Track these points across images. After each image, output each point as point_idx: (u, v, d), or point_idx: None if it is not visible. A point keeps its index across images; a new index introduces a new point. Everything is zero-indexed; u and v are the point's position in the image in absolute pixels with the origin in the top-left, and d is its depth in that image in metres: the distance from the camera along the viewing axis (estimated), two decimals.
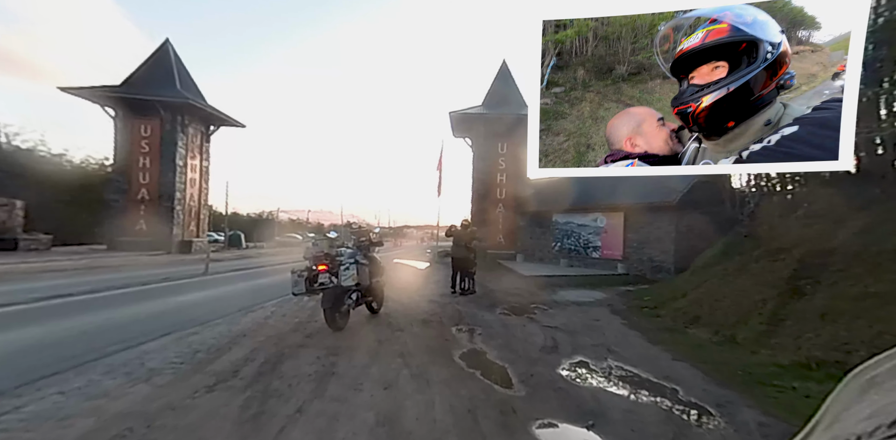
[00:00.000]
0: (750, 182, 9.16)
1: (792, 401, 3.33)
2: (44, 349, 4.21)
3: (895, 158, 6.26)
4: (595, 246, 14.90)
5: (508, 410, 2.96)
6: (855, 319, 4.43)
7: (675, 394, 3.43)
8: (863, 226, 5.57)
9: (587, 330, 5.70)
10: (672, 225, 12.30)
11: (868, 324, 4.28)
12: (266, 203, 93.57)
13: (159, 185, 20.07)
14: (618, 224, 14.00)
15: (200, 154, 22.35)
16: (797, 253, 5.91)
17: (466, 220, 9.56)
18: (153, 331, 4.91)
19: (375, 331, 5.19)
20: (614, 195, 14.38)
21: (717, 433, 2.78)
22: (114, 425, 2.61)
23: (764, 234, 7.12)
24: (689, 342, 5.22)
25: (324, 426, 2.63)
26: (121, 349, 4.23)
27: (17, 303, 6.44)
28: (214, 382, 3.35)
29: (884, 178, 6.13)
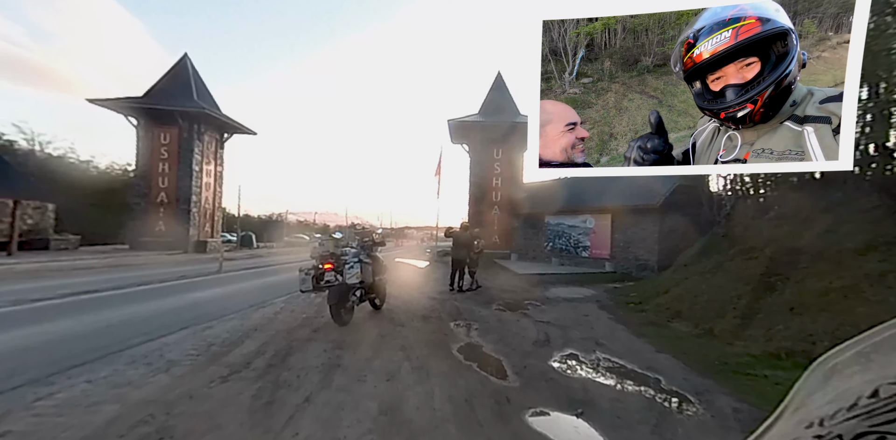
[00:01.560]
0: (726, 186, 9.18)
1: (763, 389, 3.35)
2: (73, 341, 4.23)
3: (855, 165, 6.31)
4: (584, 245, 14.91)
5: (503, 400, 2.96)
6: (819, 312, 4.46)
7: (658, 383, 3.44)
8: (826, 227, 5.61)
9: (577, 324, 5.69)
10: (656, 226, 12.32)
11: (831, 317, 4.32)
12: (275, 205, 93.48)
13: (177, 189, 20.15)
14: (605, 225, 14.01)
15: (215, 160, 22.39)
16: (768, 251, 5.94)
17: (465, 222, 9.51)
18: (172, 325, 4.92)
19: (378, 326, 5.18)
20: (602, 198, 14.42)
21: (696, 419, 2.80)
22: (137, 412, 2.63)
23: (739, 235, 7.15)
24: (670, 335, 5.23)
25: (330, 414, 2.64)
26: (143, 341, 4.24)
27: (49, 298, 6.51)
28: (228, 373, 3.35)
29: (845, 183, 6.18)
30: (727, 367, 3.92)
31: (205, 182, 21.36)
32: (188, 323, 5.09)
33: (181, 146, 20.10)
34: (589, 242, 14.73)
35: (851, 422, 0.31)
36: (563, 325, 5.57)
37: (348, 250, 5.41)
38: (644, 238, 12.72)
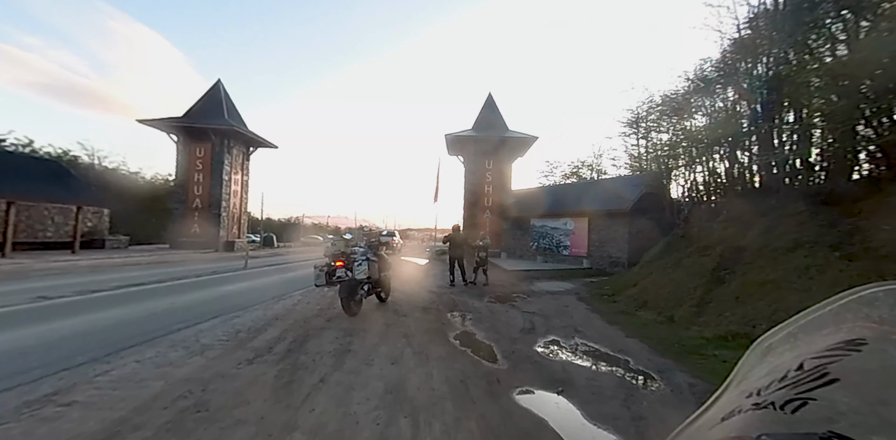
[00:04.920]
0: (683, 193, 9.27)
1: (714, 366, 3.39)
2: (124, 327, 4.26)
3: (784, 177, 6.41)
4: (565, 245, 14.92)
5: (494, 380, 2.97)
6: (758, 301, 4.52)
7: (627, 363, 3.47)
8: (764, 228, 5.68)
9: (558, 314, 5.67)
10: (626, 228, 12.34)
11: (767, 305, 4.38)
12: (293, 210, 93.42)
13: (210, 196, 20.21)
14: (583, 227, 14.03)
15: (242, 170, 22.42)
16: (719, 249, 6.00)
17: (457, 225, 9.34)
18: (205, 314, 4.92)
19: (384, 317, 5.15)
20: (581, 203, 14.48)
21: (658, 393, 2.83)
22: (178, 388, 2.66)
23: (694, 235, 7.19)
24: (638, 322, 5.25)
25: (342, 393, 2.65)
26: (181, 328, 4.26)
27: (103, 290, 6.57)
28: (254, 356, 3.36)
29: (777, 192, 6.27)
30: (684, 349, 3.95)
31: (233, 189, 21.39)
32: (219, 312, 5.09)
33: (213, 159, 20.19)
34: (569, 242, 14.75)
35: (782, 391, 0.32)
36: (546, 315, 5.55)
37: (357, 249, 5.38)
38: (616, 238, 12.75)
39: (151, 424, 2.16)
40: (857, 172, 5.61)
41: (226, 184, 20.49)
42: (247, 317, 4.93)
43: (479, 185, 19.79)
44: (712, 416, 0.37)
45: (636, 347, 4.00)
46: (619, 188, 13.30)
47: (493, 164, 19.82)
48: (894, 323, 0.35)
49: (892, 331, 0.34)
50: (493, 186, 19.80)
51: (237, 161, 21.76)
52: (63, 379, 2.78)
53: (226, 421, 2.21)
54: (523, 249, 17.32)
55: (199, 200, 20.17)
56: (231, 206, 21.27)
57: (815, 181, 6.05)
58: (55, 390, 2.59)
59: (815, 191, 5.76)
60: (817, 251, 4.64)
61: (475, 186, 19.82)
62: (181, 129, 19.82)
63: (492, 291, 7.75)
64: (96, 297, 5.93)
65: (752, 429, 0.29)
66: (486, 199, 19.75)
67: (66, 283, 7.17)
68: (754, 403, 0.32)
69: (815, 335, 0.39)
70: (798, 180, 6.23)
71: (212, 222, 20.09)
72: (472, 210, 19.73)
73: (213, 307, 5.46)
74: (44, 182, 14.42)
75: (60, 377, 2.82)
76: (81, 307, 5.22)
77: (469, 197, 19.95)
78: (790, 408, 0.30)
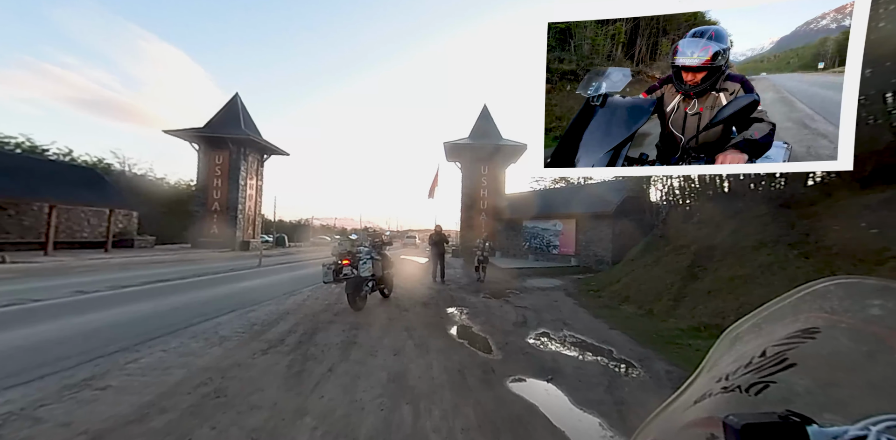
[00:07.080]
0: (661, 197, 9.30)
1: (688, 355, 3.40)
2: (150, 319, 4.25)
3: (749, 183, 6.46)
4: (555, 244, 14.96)
5: (489, 370, 2.95)
6: (728, 295, 4.55)
7: (611, 353, 3.46)
8: (733, 229, 5.71)
9: (548, 308, 5.65)
10: (610, 228, 12.39)
11: (735, 298, 4.41)
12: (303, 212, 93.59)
13: (227, 200, 20.30)
14: (571, 228, 14.07)
15: (256, 176, 22.46)
16: (693, 248, 6.02)
17: (438, 226, 9.16)
18: (223, 308, 4.90)
19: (387, 311, 5.12)
20: (569, 206, 14.53)
21: (639, 380, 2.83)
22: (199, 375, 2.66)
23: (672, 235, 7.20)
24: (621, 315, 5.25)
25: (348, 382, 2.64)
26: (201, 321, 4.23)
27: (131, 285, 6.59)
28: (267, 347, 3.35)
29: (744, 196, 6.32)
30: (662, 339, 3.96)
31: (248, 194, 21.44)
32: (235, 307, 5.07)
33: (231, 165, 20.29)
34: (558, 242, 14.78)
35: (747, 376, 0.33)
36: (537, 309, 5.53)
37: (362, 249, 5.33)
38: (601, 238, 12.79)
39: (176, 408, 2.16)
40: (811, 179, 5.67)
41: (242, 188, 20.53)
42: (261, 311, 4.90)
43: (475, 190, 19.83)
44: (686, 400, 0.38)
45: (619, 338, 3.99)
46: (603, 192, 13.35)
47: (489, 170, 19.89)
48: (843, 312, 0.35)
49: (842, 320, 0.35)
50: (488, 190, 19.85)
51: (252, 167, 21.79)
52: (98, 365, 2.80)
53: (242, 406, 2.20)
54: (516, 249, 17.34)
55: (217, 204, 20.25)
56: (246, 208, 21.32)
57: (776, 186, 6.11)
58: (91, 375, 2.61)
59: (777, 195, 5.82)
60: (778, 250, 4.68)
61: (472, 190, 19.86)
62: (202, 138, 19.94)
63: (487, 288, 7.71)
64: (126, 292, 5.92)
65: (721, 410, 0.30)
66: (482, 203, 19.78)
67: (100, 279, 7.20)
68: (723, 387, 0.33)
69: (776, 325, 0.39)
70: (762, 186, 6.29)
71: (229, 224, 20.16)
72: (469, 212, 19.76)
73: (230, 302, 5.43)
74: (81, 188, 14.59)
75: (96, 364, 2.84)
76: (113, 301, 5.22)
77: (466, 200, 19.98)
78: (754, 390, 0.30)
